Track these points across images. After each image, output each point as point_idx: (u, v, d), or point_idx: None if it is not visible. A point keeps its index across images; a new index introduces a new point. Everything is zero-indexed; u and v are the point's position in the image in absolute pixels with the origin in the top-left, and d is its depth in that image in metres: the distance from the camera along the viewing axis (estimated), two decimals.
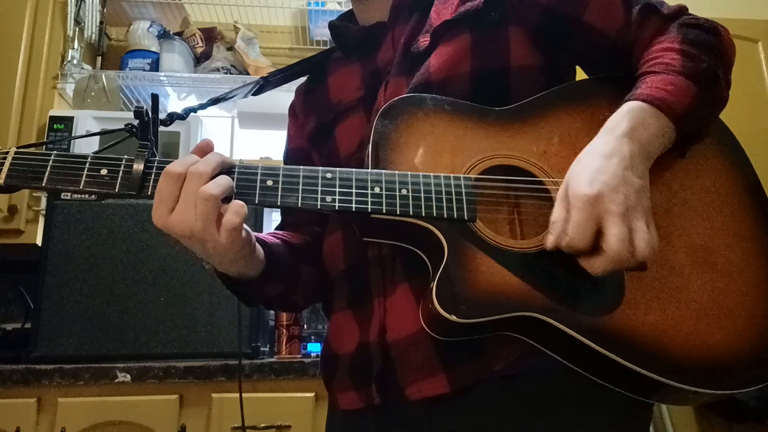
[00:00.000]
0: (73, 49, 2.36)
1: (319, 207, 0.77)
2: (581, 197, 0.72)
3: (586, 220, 0.71)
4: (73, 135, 2.11)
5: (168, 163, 0.75)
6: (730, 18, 2.63)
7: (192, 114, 1.00)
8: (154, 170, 0.76)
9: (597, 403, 0.79)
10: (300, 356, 1.93)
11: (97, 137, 1.97)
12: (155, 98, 0.80)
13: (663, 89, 0.80)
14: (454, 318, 0.71)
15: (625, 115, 0.79)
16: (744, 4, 2.93)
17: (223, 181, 0.75)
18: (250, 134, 2.75)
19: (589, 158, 0.76)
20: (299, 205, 0.76)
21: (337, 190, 0.77)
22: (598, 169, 0.74)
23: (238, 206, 0.75)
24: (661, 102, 0.79)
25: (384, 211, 0.77)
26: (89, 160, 0.74)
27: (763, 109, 2.60)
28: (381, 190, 0.77)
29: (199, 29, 2.65)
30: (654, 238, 0.72)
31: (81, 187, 0.73)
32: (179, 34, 2.64)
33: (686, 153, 0.85)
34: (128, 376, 1.69)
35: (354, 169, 0.79)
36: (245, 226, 0.80)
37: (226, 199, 0.75)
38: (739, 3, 2.92)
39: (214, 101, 1.01)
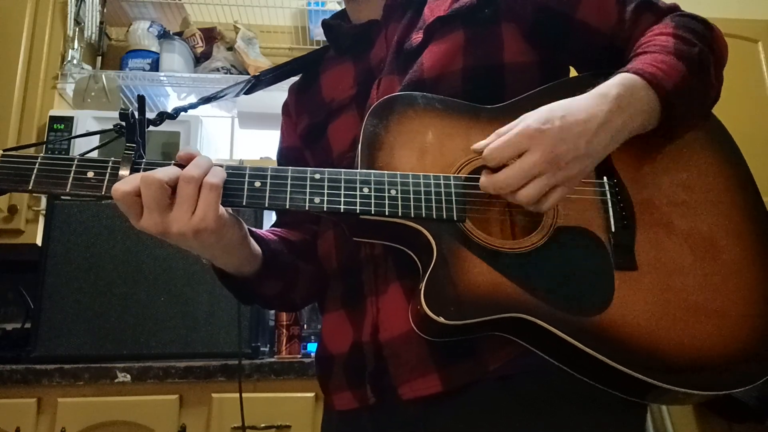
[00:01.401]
0: (73, 49, 2.37)
1: (307, 208, 0.76)
2: (525, 126, 0.73)
3: (511, 144, 0.73)
4: (72, 135, 2.11)
5: (154, 166, 0.75)
6: (730, 18, 2.63)
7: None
8: (141, 172, 0.75)
9: (597, 404, 0.78)
10: (300, 356, 1.93)
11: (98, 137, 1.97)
12: (141, 99, 0.79)
13: (654, 65, 0.80)
14: (441, 319, 0.70)
15: (617, 84, 0.78)
16: (744, 4, 2.92)
17: (218, 170, 0.75)
18: (250, 134, 2.76)
19: (562, 104, 0.76)
20: (287, 207, 0.76)
21: (326, 191, 0.77)
22: (562, 112, 0.74)
23: (219, 170, 0.75)
24: (651, 76, 0.78)
25: (373, 212, 0.76)
26: (75, 162, 0.74)
27: (763, 109, 2.59)
28: (370, 190, 0.77)
29: (199, 29, 2.65)
30: (546, 201, 0.74)
31: (68, 190, 0.73)
32: (179, 34, 2.64)
33: (674, 139, 0.84)
34: (128, 376, 1.70)
35: (343, 170, 0.79)
36: (236, 215, 0.81)
37: None
38: (739, 3, 2.91)
39: (205, 100, 1.01)
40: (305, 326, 2.05)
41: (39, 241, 2.05)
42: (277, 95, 1.38)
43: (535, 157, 0.71)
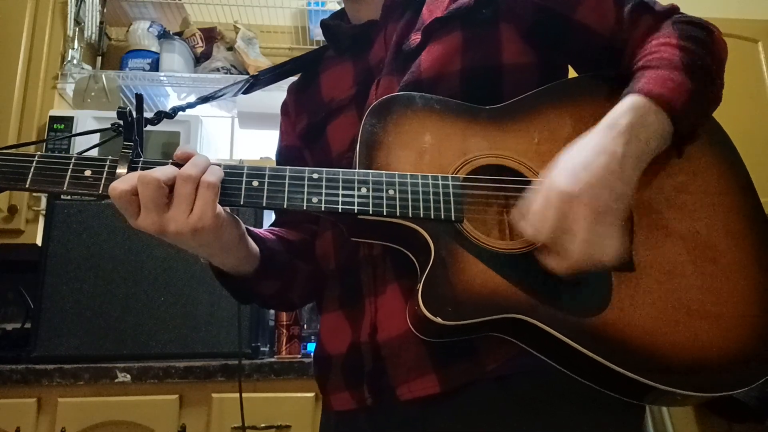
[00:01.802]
0: (73, 49, 2.37)
1: (305, 208, 0.76)
2: (557, 192, 0.71)
3: (551, 218, 0.71)
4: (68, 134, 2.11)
5: (152, 165, 0.75)
6: (730, 18, 2.62)
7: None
8: (138, 171, 0.75)
9: (595, 404, 0.78)
10: (300, 356, 1.93)
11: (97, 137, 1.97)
12: (139, 98, 0.79)
13: (663, 85, 0.78)
14: (439, 320, 0.70)
15: (627, 111, 0.77)
16: (744, 4, 2.92)
17: (216, 169, 0.75)
18: (250, 134, 2.76)
19: (578, 151, 0.75)
20: (285, 206, 0.76)
21: (324, 191, 0.77)
22: (583, 164, 0.73)
23: (216, 169, 0.75)
24: (661, 98, 0.77)
25: (371, 212, 0.76)
26: (73, 161, 0.74)
27: (763, 109, 2.59)
28: (368, 190, 0.77)
29: (199, 29, 2.65)
30: (624, 247, 0.72)
31: (65, 189, 0.72)
32: (179, 34, 2.64)
33: (682, 152, 0.83)
34: (128, 376, 1.70)
35: (341, 170, 0.78)
36: (234, 214, 0.81)
37: None
38: (739, 3, 2.91)
39: (204, 99, 1.00)
40: (305, 326, 2.05)
41: (39, 241, 2.05)
42: (277, 95, 1.38)
43: (582, 222, 0.70)
